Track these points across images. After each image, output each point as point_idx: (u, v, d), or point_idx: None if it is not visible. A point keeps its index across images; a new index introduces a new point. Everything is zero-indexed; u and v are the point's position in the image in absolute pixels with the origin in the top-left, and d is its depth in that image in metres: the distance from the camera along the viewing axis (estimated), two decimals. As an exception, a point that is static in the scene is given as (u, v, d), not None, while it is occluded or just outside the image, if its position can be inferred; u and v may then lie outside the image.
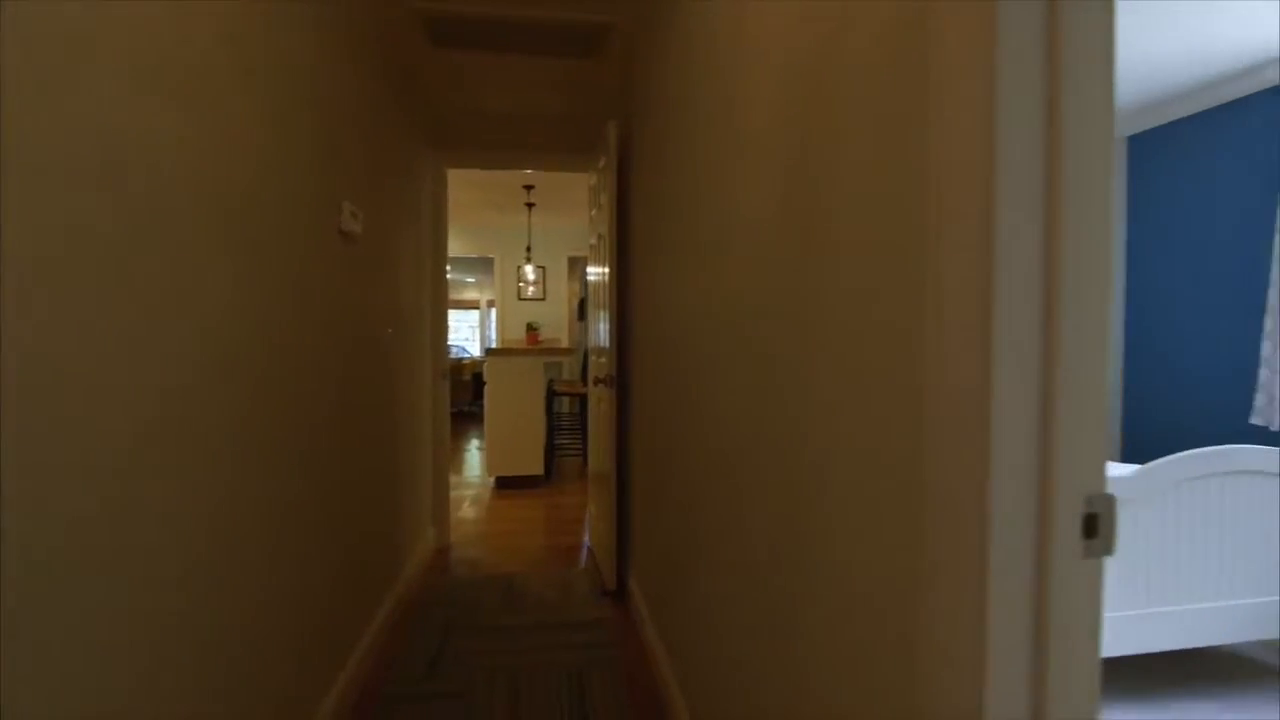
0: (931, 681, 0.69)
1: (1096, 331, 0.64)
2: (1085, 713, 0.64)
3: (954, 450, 0.66)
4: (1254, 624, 2.17)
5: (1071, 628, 0.63)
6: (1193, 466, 2.11)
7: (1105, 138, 0.65)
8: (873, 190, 0.88)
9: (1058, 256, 0.63)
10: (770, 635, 1.27)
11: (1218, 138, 3.96)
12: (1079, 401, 0.63)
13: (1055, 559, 0.62)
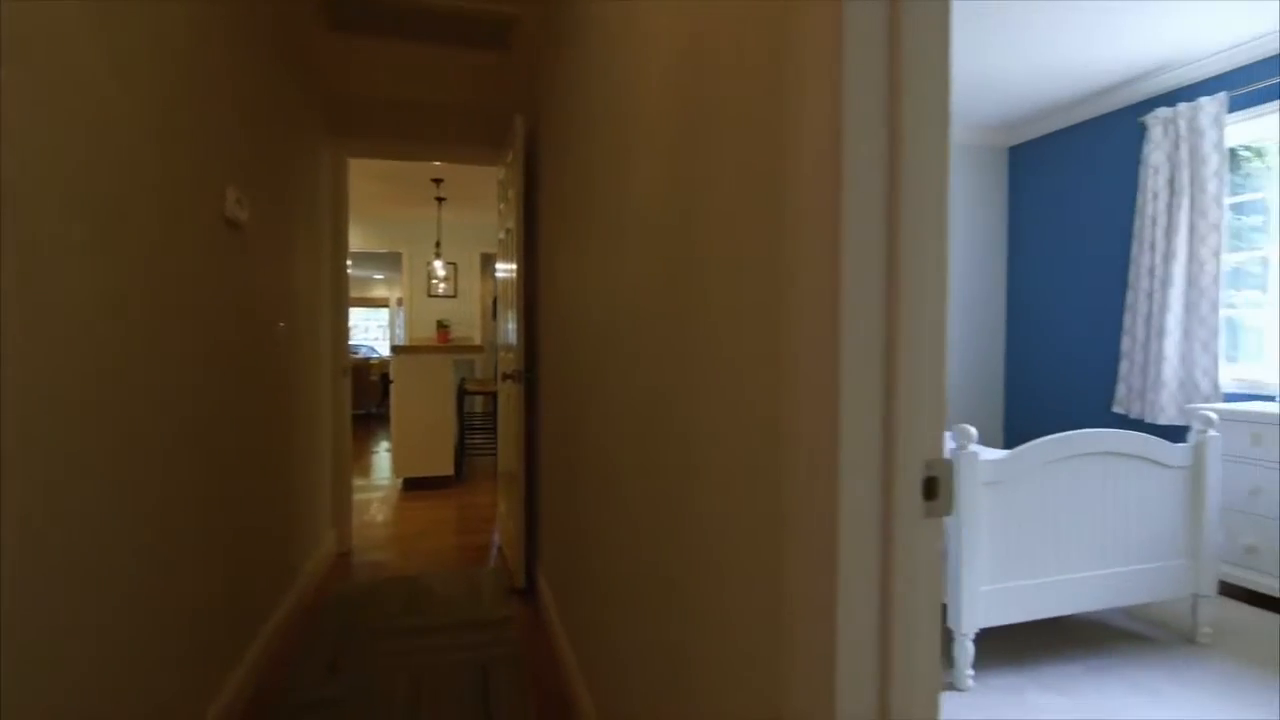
0: (794, 634, 0.73)
1: (934, 323, 0.69)
2: (929, 655, 0.68)
3: (809, 428, 0.70)
4: (1113, 592, 2.38)
5: (916, 579, 0.68)
6: (1057, 449, 2.29)
7: (941, 137, 0.70)
8: (740, 185, 0.91)
9: (898, 253, 0.68)
10: (655, 619, 1.30)
11: (1085, 150, 4.31)
12: (918, 381, 0.68)
13: (899, 518, 0.67)
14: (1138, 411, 3.76)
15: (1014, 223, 4.81)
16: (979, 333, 4.84)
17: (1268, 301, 3.56)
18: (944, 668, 2.32)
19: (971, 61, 3.58)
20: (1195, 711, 2.06)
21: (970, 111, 4.36)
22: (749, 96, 0.90)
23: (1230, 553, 2.96)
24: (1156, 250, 3.69)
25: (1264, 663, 2.36)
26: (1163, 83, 3.75)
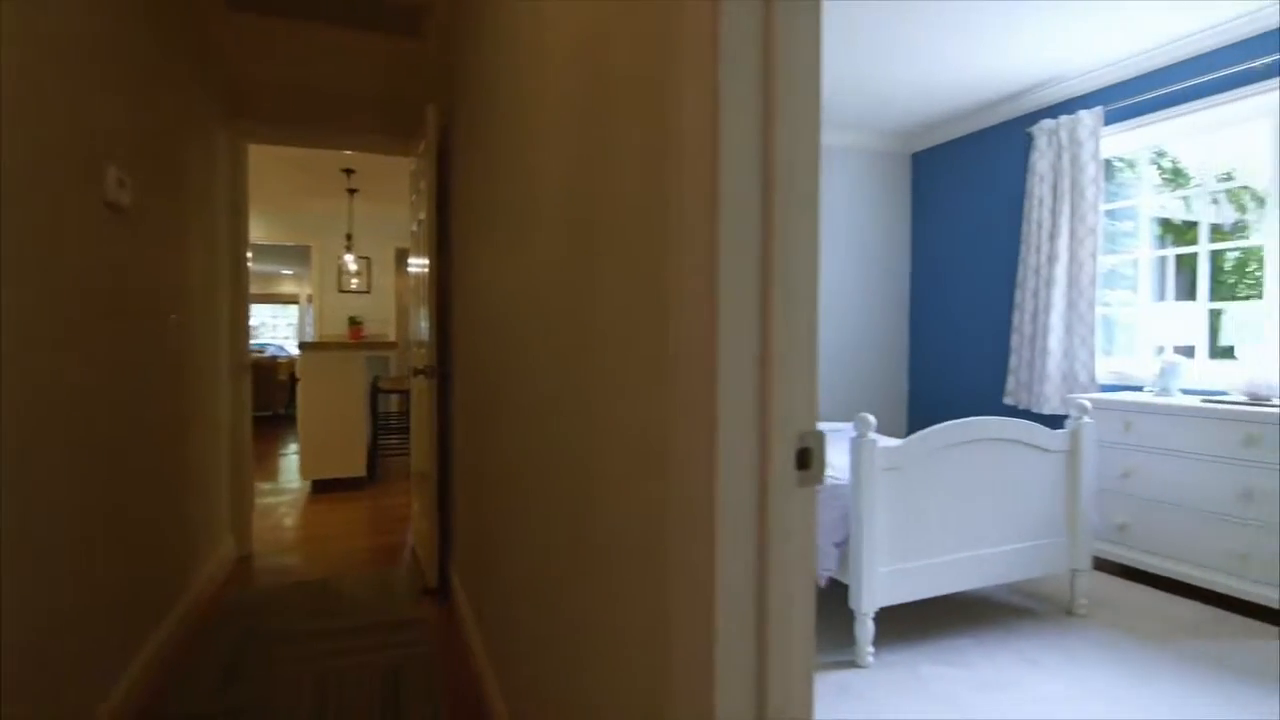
0: (676, 597, 0.75)
1: (806, 304, 0.73)
2: (803, 610, 0.72)
3: (691, 402, 0.72)
4: (1000, 569, 2.54)
5: (789, 543, 0.71)
6: (947, 436, 2.43)
7: (812, 129, 0.73)
8: (634, 177, 0.93)
9: (772, 241, 0.71)
10: (553, 612, 1.30)
11: (980, 157, 4.57)
12: (792, 357, 0.71)
13: (774, 487, 0.70)
14: (1025, 402, 4.03)
15: (916, 225, 5.06)
16: (885, 328, 5.06)
17: (1137, 301, 3.88)
18: (846, 646, 2.42)
19: (876, 72, 3.75)
20: (1072, 676, 2.23)
21: (876, 119, 4.56)
22: (640, 95, 0.91)
23: (1104, 530, 3.21)
24: (1041, 252, 3.96)
25: (1133, 630, 2.58)
26: (1048, 96, 4.03)
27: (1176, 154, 3.96)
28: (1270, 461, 2.64)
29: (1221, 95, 3.27)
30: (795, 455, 0.71)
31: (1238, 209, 4.36)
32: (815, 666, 2.25)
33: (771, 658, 0.70)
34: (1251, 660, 2.33)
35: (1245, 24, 3.11)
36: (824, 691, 2.16)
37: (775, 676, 0.71)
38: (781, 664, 0.70)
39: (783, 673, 0.70)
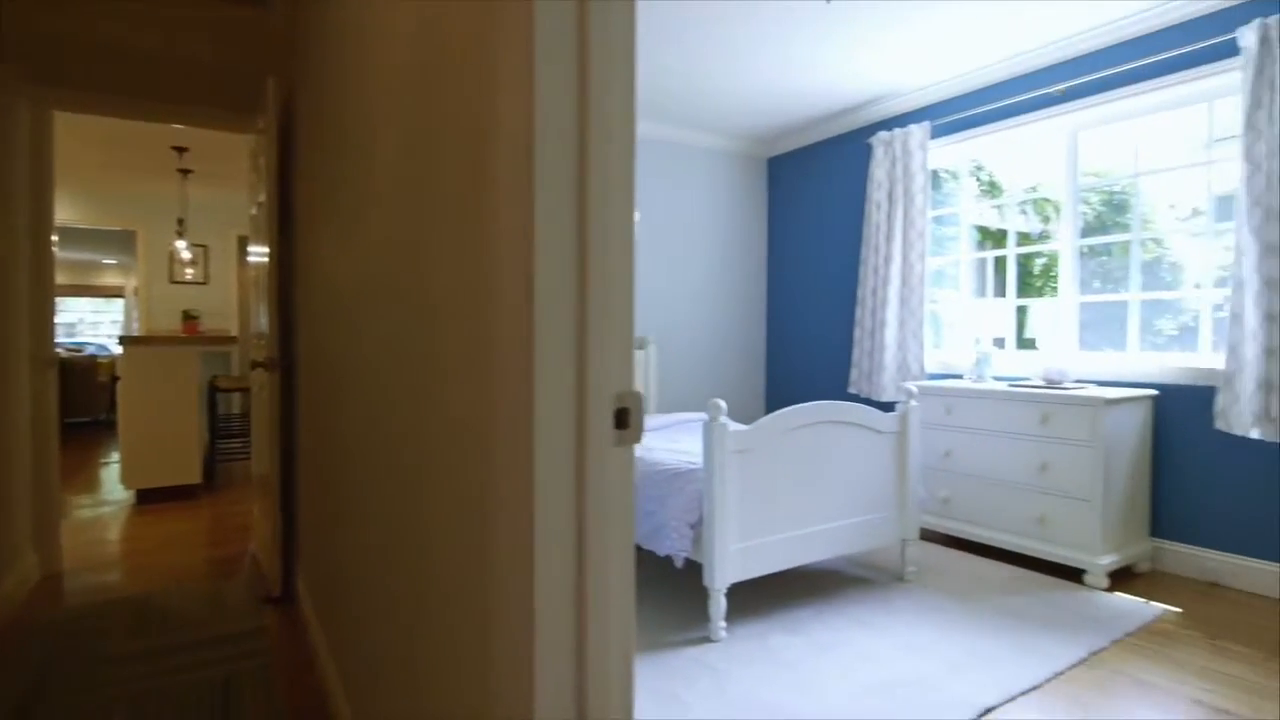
0: (496, 555, 0.75)
1: (621, 267, 0.76)
2: (623, 568, 0.75)
3: (510, 368, 0.73)
4: (840, 543, 2.74)
5: (608, 500, 0.73)
6: (792, 419, 2.59)
7: (626, 111, 0.76)
8: (461, 155, 0.92)
9: (587, 213, 0.73)
10: (395, 611, 1.27)
11: (827, 164, 4.89)
12: (608, 323, 0.73)
13: (592, 444, 0.72)
14: (866, 391, 4.36)
15: (772, 224, 5.35)
16: (744, 324, 5.30)
17: (959, 298, 4.31)
18: (701, 622, 2.51)
19: (731, 78, 3.91)
20: (898, 634, 2.44)
21: (734, 124, 4.77)
22: (467, 78, 0.91)
23: (930, 504, 3.54)
24: (879, 253, 4.30)
25: (952, 591, 2.86)
26: (885, 110, 4.38)
27: (992, 168, 4.44)
28: (1062, 437, 3.02)
29: (1027, 116, 3.70)
30: (613, 415, 0.74)
31: (1042, 219, 4.95)
32: (671, 644, 2.31)
33: (591, 609, 0.72)
34: (1047, 611, 2.66)
35: (1047, 53, 3.54)
36: (679, 666, 2.23)
37: (594, 631, 0.73)
38: (600, 612, 0.72)
39: (601, 627, 0.73)
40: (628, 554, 0.76)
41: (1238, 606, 2.73)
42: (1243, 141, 2.82)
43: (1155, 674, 2.19)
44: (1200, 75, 3.06)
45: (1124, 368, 3.32)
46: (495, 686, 0.81)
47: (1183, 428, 3.09)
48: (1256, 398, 2.75)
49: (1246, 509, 2.90)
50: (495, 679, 0.80)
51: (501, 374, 0.76)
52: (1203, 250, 3.27)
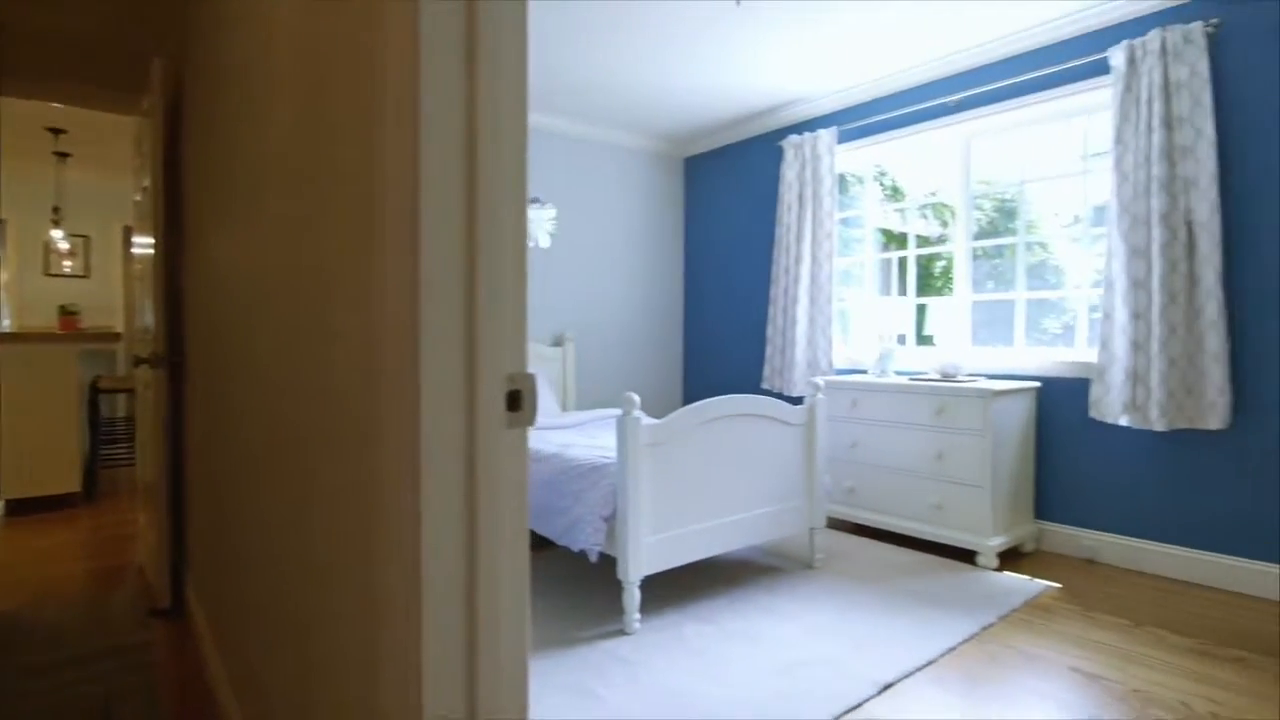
0: (382, 547, 0.73)
1: (515, 248, 0.75)
2: (516, 555, 0.74)
3: (397, 350, 0.71)
4: (751, 533, 2.80)
5: (500, 484, 0.72)
6: (703, 413, 2.63)
7: (517, 94, 0.76)
8: (351, 138, 0.89)
9: (476, 190, 0.72)
10: (282, 614, 1.21)
11: (742, 165, 5.00)
12: (500, 303, 0.72)
13: (483, 428, 0.71)
14: (779, 386, 4.48)
15: (689, 223, 5.42)
16: (662, 321, 5.36)
17: (864, 298, 4.49)
18: (616, 616, 2.52)
19: (645, 79, 3.94)
20: (805, 619, 2.52)
21: (651, 123, 4.80)
22: (355, 64, 0.88)
23: (837, 494, 3.68)
24: (790, 253, 4.43)
25: (857, 576, 2.98)
26: (795, 114, 4.52)
27: (895, 173, 4.65)
28: (957, 427, 3.20)
29: (926, 124, 3.89)
30: (505, 397, 0.73)
31: (941, 223, 5.22)
32: (585, 638, 2.31)
33: (483, 599, 0.71)
34: (944, 591, 2.81)
35: (943, 65, 3.74)
36: (594, 660, 2.23)
37: (486, 621, 0.72)
38: (491, 602, 0.71)
39: (492, 617, 0.72)
40: (521, 540, 0.76)
41: (1111, 580, 2.96)
42: (1113, 153, 3.07)
43: (1038, 645, 2.35)
44: (1078, 91, 3.30)
45: (1011, 362, 3.55)
46: (384, 683, 0.78)
47: (1062, 417, 3.34)
48: (1125, 388, 2.99)
49: (1118, 491, 3.16)
50: (384, 676, 0.78)
51: (389, 357, 0.74)
52: (1082, 254, 3.54)
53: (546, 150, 4.70)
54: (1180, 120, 2.87)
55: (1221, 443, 2.87)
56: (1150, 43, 2.94)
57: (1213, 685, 2.07)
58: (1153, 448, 3.05)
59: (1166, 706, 1.96)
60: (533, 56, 3.72)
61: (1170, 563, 2.98)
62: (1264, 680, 2.10)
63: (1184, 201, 2.87)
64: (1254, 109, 2.79)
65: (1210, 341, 2.80)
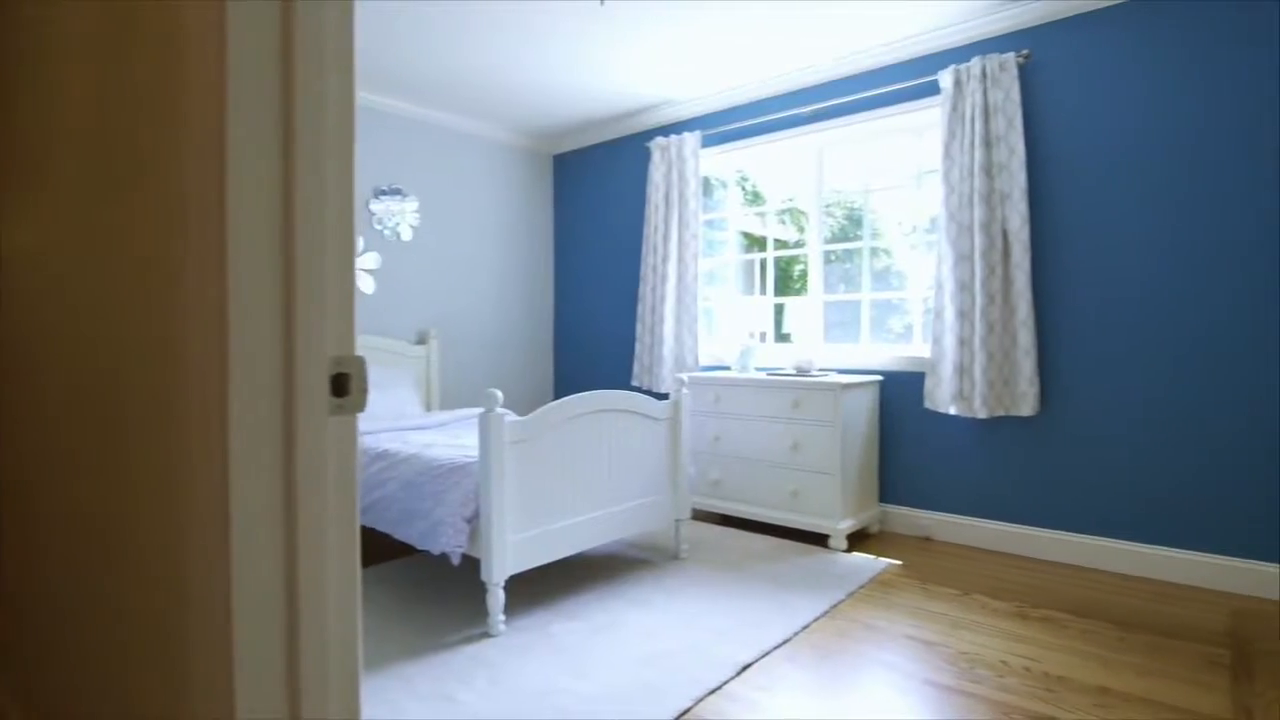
0: (189, 550, 0.66)
1: (340, 234, 0.70)
2: (344, 552, 0.69)
3: (203, 327, 0.65)
4: (618, 527, 2.83)
5: (324, 476, 0.68)
6: (569, 409, 2.62)
7: (344, 63, 0.71)
8: (154, 103, 0.81)
9: (294, 158, 0.67)
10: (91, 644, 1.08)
11: (611, 164, 5.04)
12: (323, 281, 0.68)
13: (303, 414, 0.66)
14: (648, 383, 4.56)
15: (559, 221, 5.40)
16: (532, 316, 5.29)
17: (728, 297, 4.66)
18: (480, 618, 2.46)
19: (516, 74, 3.88)
20: (671, 609, 2.58)
21: (518, 117, 4.73)
22: (159, 36, 0.79)
23: (702, 486, 3.79)
24: (658, 253, 4.52)
25: (720, 565, 3.08)
26: (663, 116, 4.61)
27: (756, 179, 4.87)
28: (810, 419, 3.39)
29: (783, 133, 4.09)
30: (329, 381, 0.68)
31: (797, 228, 5.52)
32: (449, 643, 2.23)
33: (305, 602, 0.66)
34: (800, 574, 2.97)
35: (799, 77, 3.95)
36: (456, 665, 2.16)
37: (310, 628, 0.67)
38: (315, 606, 0.66)
39: (317, 623, 0.67)
40: (350, 537, 0.71)
41: (944, 556, 3.25)
42: (942, 167, 3.37)
43: (880, 618, 2.53)
44: (914, 109, 3.60)
45: (859, 358, 3.81)
46: (194, 698, 0.71)
47: (901, 408, 3.62)
48: (953, 380, 3.29)
49: (949, 474, 3.47)
50: (193, 691, 0.71)
51: (193, 339, 0.67)
52: (920, 260, 3.86)
53: (408, 138, 4.51)
54: (997, 139, 3.21)
55: (1032, 428, 3.23)
56: (973, 68, 3.26)
57: (1027, 643, 2.32)
58: (977, 434, 3.38)
59: (989, 665, 2.17)
60: (393, 41, 3.55)
61: (993, 537, 3.32)
62: (1067, 634, 2.38)
63: (1000, 212, 3.20)
64: (1055, 131, 3.17)
65: (1022, 338, 3.14)
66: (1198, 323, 2.84)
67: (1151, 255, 2.94)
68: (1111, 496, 3.03)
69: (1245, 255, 2.74)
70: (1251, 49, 2.72)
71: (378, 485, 2.74)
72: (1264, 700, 1.94)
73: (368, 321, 4.29)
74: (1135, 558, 2.95)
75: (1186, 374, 2.86)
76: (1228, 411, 2.78)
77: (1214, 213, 2.80)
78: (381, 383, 3.94)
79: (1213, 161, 2.80)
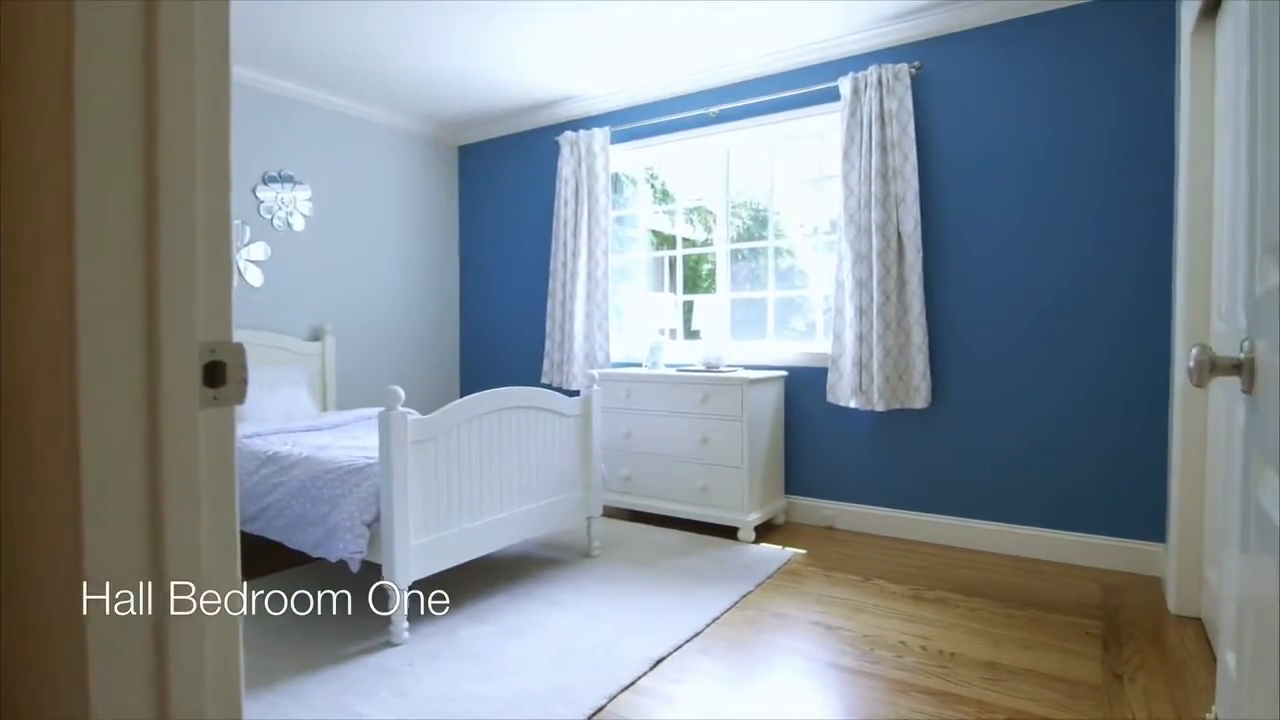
0: (38, 567, 0.58)
1: (213, 207, 0.63)
2: (223, 559, 0.62)
3: (49, 302, 0.56)
4: (529, 527, 2.77)
5: (195, 476, 0.60)
6: (475, 406, 2.55)
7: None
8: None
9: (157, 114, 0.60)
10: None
11: (519, 157, 4.94)
12: (190, 255, 0.60)
13: (168, 408, 0.59)
14: (558, 381, 4.50)
15: (465, 214, 5.24)
16: (436, 312, 5.12)
17: (638, 294, 4.67)
18: (382, 627, 2.34)
19: (416, 59, 3.72)
20: (584, 608, 2.54)
21: (419, 106, 4.56)
22: None
23: (613, 482, 3.77)
24: (568, 248, 4.47)
25: (632, 561, 3.07)
26: (571, 110, 4.56)
27: (665, 177, 4.90)
28: (719, 414, 3.44)
29: (691, 132, 4.13)
30: (202, 369, 0.61)
31: (705, 227, 5.59)
32: (350, 654, 2.11)
33: (175, 627, 0.58)
34: (710, 567, 3.00)
35: (706, 77, 3.99)
36: (358, 678, 2.05)
37: (181, 659, 0.60)
38: (190, 631, 0.59)
39: (191, 652, 0.60)
40: (229, 545, 0.64)
41: (847, 544, 3.37)
42: (842, 170, 3.50)
43: (788, 606, 2.60)
44: (816, 114, 3.72)
45: (764, 354, 3.90)
46: None
47: (805, 402, 3.74)
48: (853, 375, 3.42)
49: (850, 465, 3.61)
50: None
51: (37, 322, 0.58)
52: (821, 259, 3.99)
53: (299, 123, 4.25)
54: (892, 145, 3.36)
55: (925, 420, 3.40)
56: (870, 76, 3.39)
57: (922, 624, 2.43)
58: (875, 426, 3.53)
59: (888, 646, 2.27)
60: (282, 18, 3.33)
61: (891, 523, 3.48)
62: (958, 613, 2.52)
63: (895, 215, 3.35)
64: (942, 138, 3.35)
65: (916, 335, 3.30)
66: (1071, 320, 3.07)
67: (1027, 257, 3.16)
68: (994, 483, 3.24)
69: (1116, 258, 2.99)
70: (1111, 68, 2.97)
71: (267, 491, 2.57)
72: (1130, 666, 2.11)
73: (255, 316, 4.01)
74: (1017, 539, 3.17)
75: (1062, 369, 3.10)
76: (1096, 406, 3.02)
77: (1089, 216, 3.04)
78: (271, 382, 3.69)
79: (1078, 168, 3.04)
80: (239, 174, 3.94)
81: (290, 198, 4.18)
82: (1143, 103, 2.91)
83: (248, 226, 3.98)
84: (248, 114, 3.97)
